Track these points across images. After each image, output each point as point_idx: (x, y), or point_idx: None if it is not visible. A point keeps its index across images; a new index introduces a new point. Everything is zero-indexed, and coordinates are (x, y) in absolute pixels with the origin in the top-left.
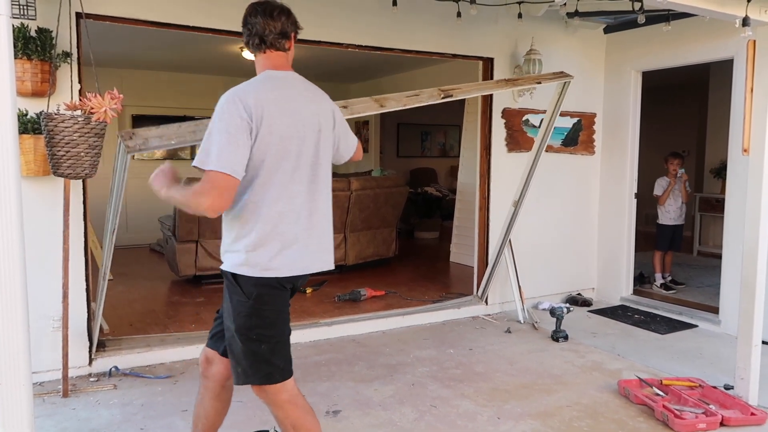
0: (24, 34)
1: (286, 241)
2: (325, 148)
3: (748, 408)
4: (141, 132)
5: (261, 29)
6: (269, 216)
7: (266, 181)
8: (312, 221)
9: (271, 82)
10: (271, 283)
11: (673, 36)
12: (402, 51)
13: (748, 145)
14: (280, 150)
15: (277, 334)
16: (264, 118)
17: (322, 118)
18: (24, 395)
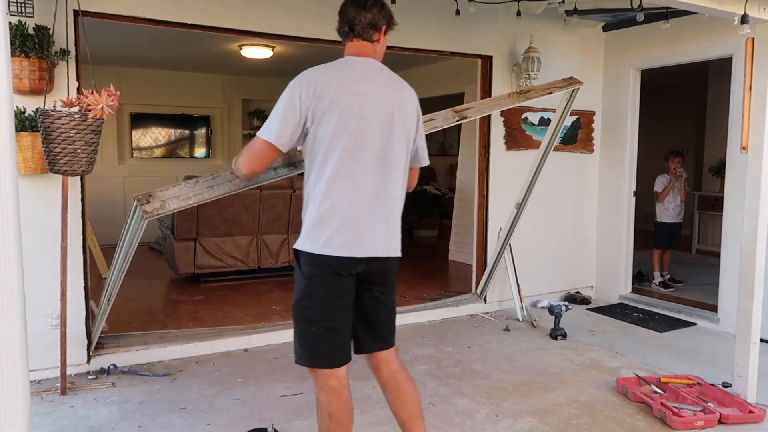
0: (22, 31)
1: (345, 220)
2: (399, 135)
3: (746, 406)
4: (158, 194)
5: (351, 18)
6: (329, 192)
7: (326, 157)
8: (379, 204)
9: (343, 64)
10: (325, 263)
11: (672, 34)
12: (401, 49)
13: (746, 143)
14: (339, 127)
15: (328, 320)
16: (325, 97)
17: (396, 105)
18: (21, 393)
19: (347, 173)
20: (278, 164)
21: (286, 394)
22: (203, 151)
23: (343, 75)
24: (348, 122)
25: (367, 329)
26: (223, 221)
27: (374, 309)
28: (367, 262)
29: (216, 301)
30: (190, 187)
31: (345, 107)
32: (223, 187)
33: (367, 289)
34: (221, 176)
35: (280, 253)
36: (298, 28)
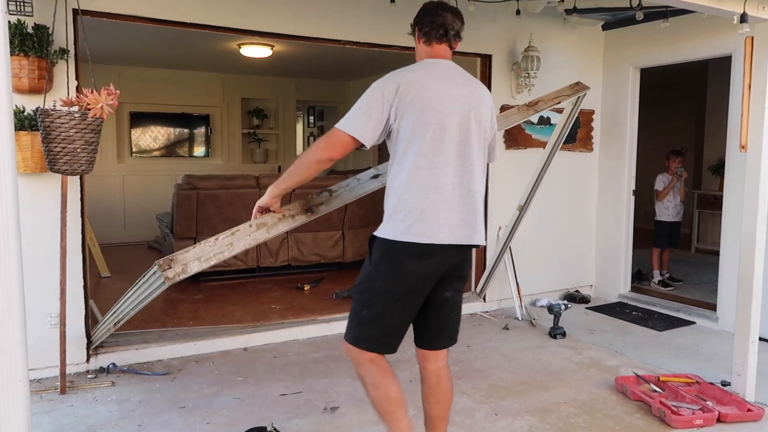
0: (21, 30)
1: (424, 210)
2: (475, 131)
3: (744, 404)
4: (179, 257)
5: (448, 24)
6: (409, 183)
7: (407, 150)
8: (456, 195)
9: (424, 64)
10: (400, 250)
11: (672, 33)
12: (400, 48)
13: (745, 142)
14: (420, 121)
15: (381, 307)
16: (407, 94)
17: (474, 102)
18: (21, 392)
19: (427, 165)
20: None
21: (286, 392)
22: (203, 150)
23: (424, 74)
24: (428, 117)
25: (436, 327)
26: (222, 220)
27: (448, 309)
28: (445, 254)
29: (215, 300)
30: (210, 246)
31: (425, 103)
32: (243, 241)
33: (445, 288)
34: (240, 230)
35: (280, 252)
36: (298, 27)
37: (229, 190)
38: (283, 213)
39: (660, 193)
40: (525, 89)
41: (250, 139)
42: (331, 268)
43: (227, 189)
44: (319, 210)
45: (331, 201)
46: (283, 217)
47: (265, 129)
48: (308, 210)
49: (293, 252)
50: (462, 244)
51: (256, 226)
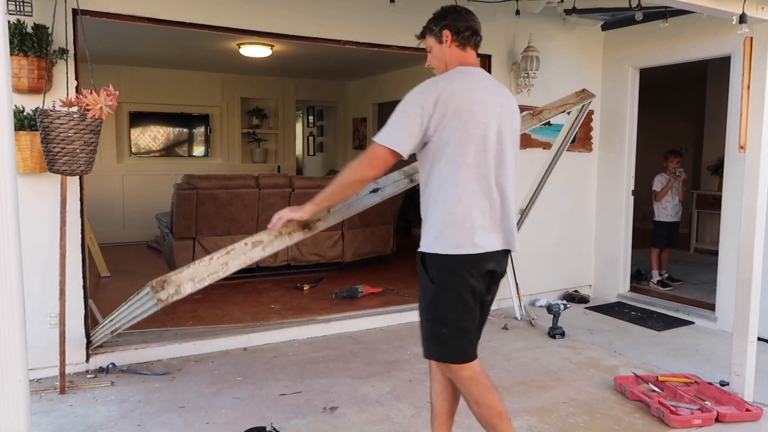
0: (20, 30)
1: (476, 221)
2: (511, 139)
3: (743, 404)
4: (172, 278)
5: (478, 28)
6: (460, 196)
7: (453, 162)
8: (500, 202)
9: (461, 74)
10: (459, 263)
11: (671, 33)
12: (399, 48)
13: (744, 142)
14: (464, 133)
15: (459, 319)
16: (448, 108)
17: (507, 111)
18: (21, 392)
19: (474, 177)
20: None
21: (285, 392)
22: (202, 150)
23: (465, 85)
24: (472, 129)
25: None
26: (222, 220)
27: (486, 311)
28: (494, 260)
29: (215, 300)
30: (204, 266)
31: (469, 115)
32: (238, 260)
33: (487, 292)
34: (236, 249)
35: (279, 252)
36: (297, 27)
37: (228, 190)
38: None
39: (658, 194)
40: (524, 89)
41: (250, 139)
42: (330, 268)
43: (227, 189)
44: (316, 227)
45: (329, 217)
46: (279, 235)
47: (265, 129)
48: (305, 227)
49: (293, 252)
50: (506, 249)
51: (251, 244)
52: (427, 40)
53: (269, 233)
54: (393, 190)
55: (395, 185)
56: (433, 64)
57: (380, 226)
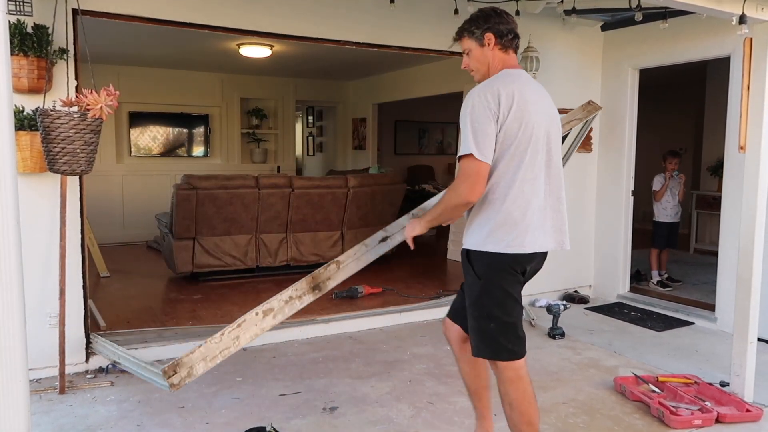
0: (20, 30)
1: (528, 221)
2: (556, 139)
3: (743, 404)
4: (184, 360)
5: (514, 28)
6: (515, 196)
7: (509, 164)
8: (547, 203)
9: (511, 78)
10: (506, 262)
11: (671, 34)
12: (399, 48)
13: (744, 143)
14: (520, 136)
15: (505, 315)
16: (510, 108)
17: (554, 112)
18: (20, 392)
19: (528, 177)
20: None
21: (285, 392)
22: (202, 150)
23: (519, 86)
24: (528, 130)
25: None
26: (221, 220)
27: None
28: (538, 259)
29: (215, 300)
30: (216, 343)
31: (525, 116)
32: (250, 332)
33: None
34: (247, 320)
35: (279, 252)
36: (297, 27)
37: (228, 190)
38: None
39: (656, 194)
40: None
41: (249, 139)
42: None
43: (226, 189)
44: (326, 285)
45: (339, 273)
46: (290, 300)
47: (264, 129)
48: (315, 288)
49: (292, 252)
50: (552, 249)
51: (262, 313)
52: (465, 42)
53: (279, 300)
54: (401, 237)
55: (402, 233)
56: (471, 66)
57: (380, 226)
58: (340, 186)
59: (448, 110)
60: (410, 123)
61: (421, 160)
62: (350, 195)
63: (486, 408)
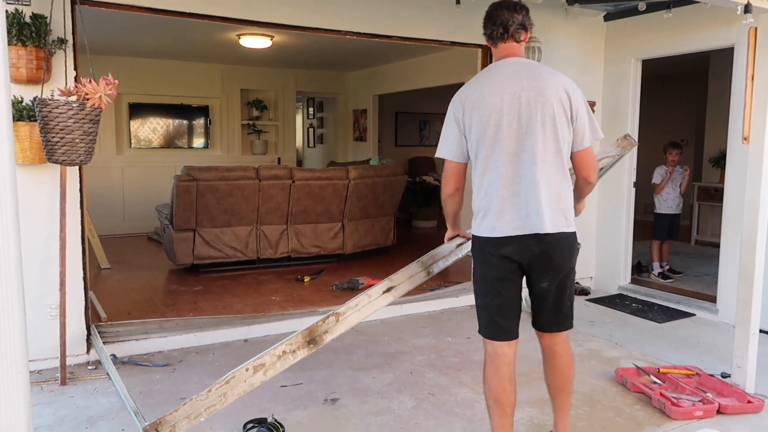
0: (18, 20)
1: (493, 206)
2: (539, 122)
3: (744, 396)
4: (167, 418)
5: (505, 20)
6: (481, 184)
7: (476, 156)
8: (518, 188)
9: (484, 71)
10: (482, 244)
11: (674, 24)
12: (400, 38)
13: (748, 134)
14: (480, 128)
15: (480, 295)
16: (468, 107)
17: (532, 93)
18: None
19: (493, 165)
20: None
21: (286, 384)
22: (202, 142)
23: (481, 83)
24: (486, 121)
25: (539, 312)
26: (222, 212)
27: (544, 297)
28: (517, 244)
29: (215, 292)
30: (202, 400)
31: (482, 110)
32: (238, 388)
33: (540, 279)
34: (236, 377)
35: (279, 244)
36: (297, 17)
37: (228, 182)
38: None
39: (657, 186)
40: None
41: (250, 131)
42: (331, 259)
43: (227, 180)
44: (323, 339)
45: (338, 326)
46: (283, 354)
47: (265, 120)
48: (311, 342)
49: (293, 243)
50: (532, 233)
51: (253, 368)
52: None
53: (272, 355)
54: (408, 286)
55: (411, 280)
56: None
57: (380, 217)
58: (341, 178)
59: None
60: (411, 114)
61: (422, 152)
62: (351, 187)
63: (557, 408)
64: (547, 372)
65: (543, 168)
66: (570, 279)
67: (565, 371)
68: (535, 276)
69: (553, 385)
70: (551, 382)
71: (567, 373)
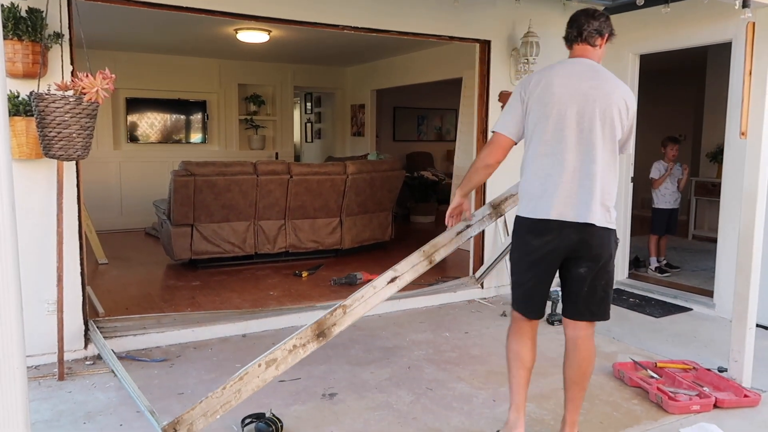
0: (14, 14)
1: (545, 190)
2: (599, 120)
3: (741, 390)
4: (184, 417)
5: (581, 24)
6: (533, 170)
7: (530, 139)
8: (572, 177)
9: (558, 64)
10: (524, 225)
11: (672, 19)
12: (398, 33)
13: (745, 129)
14: (541, 114)
15: (517, 272)
16: (535, 91)
17: (599, 94)
18: (18, 378)
19: (549, 152)
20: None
21: (284, 379)
22: (199, 137)
23: (553, 72)
24: (549, 109)
25: (572, 299)
26: (220, 207)
27: (580, 285)
28: (557, 231)
29: (213, 287)
30: (217, 397)
31: (547, 97)
32: (252, 384)
33: (577, 266)
34: (249, 373)
35: (278, 239)
36: (295, 12)
37: (226, 177)
38: (468, 215)
39: (655, 182)
40: (524, 75)
41: (247, 126)
42: (329, 255)
43: (224, 175)
44: (331, 332)
45: (345, 318)
46: (293, 349)
47: (263, 115)
48: (320, 335)
49: (291, 239)
50: (576, 222)
51: (265, 364)
52: None
53: (283, 350)
54: (412, 275)
55: (414, 270)
56: None
57: (379, 213)
58: (339, 173)
59: (448, 96)
60: (409, 109)
61: (420, 147)
62: (349, 182)
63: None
64: (565, 363)
65: (599, 164)
66: (607, 271)
67: (582, 365)
68: (573, 263)
69: (569, 376)
70: (567, 374)
71: (584, 368)
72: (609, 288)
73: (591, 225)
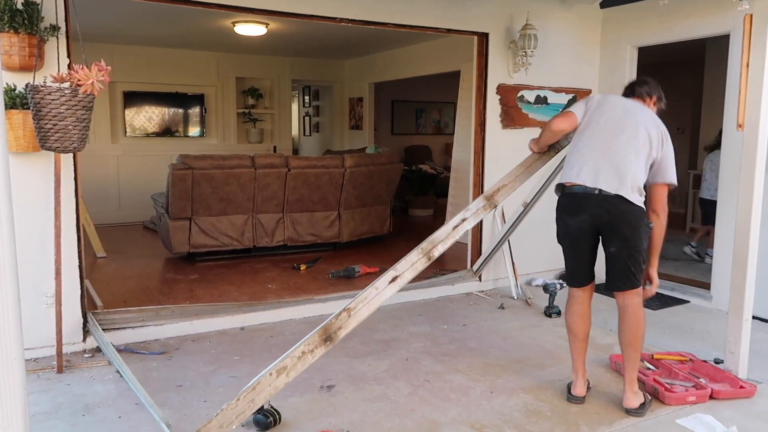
0: (10, 6)
1: (574, 169)
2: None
3: (737, 381)
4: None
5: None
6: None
7: (583, 131)
8: (607, 161)
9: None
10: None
11: (670, 11)
12: (396, 26)
13: (743, 121)
14: (595, 116)
15: (563, 244)
16: (593, 104)
17: (631, 120)
18: (17, 371)
19: (588, 146)
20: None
21: None
22: (197, 130)
23: (610, 97)
24: (600, 115)
25: (609, 274)
26: (218, 200)
27: (611, 262)
28: (587, 210)
29: (211, 280)
30: (232, 408)
31: (601, 107)
32: (265, 392)
33: (608, 245)
34: (261, 382)
35: (276, 232)
36: (292, 4)
37: (224, 170)
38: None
39: None
40: (522, 68)
41: (245, 119)
42: (327, 248)
43: (222, 169)
44: (338, 336)
45: (350, 321)
46: (302, 355)
47: (260, 109)
48: (327, 339)
49: (289, 232)
50: (604, 190)
51: (276, 372)
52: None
53: (292, 357)
54: (412, 273)
55: (414, 268)
56: None
57: (377, 206)
58: (337, 166)
59: (446, 90)
60: (407, 103)
61: (418, 140)
62: (347, 175)
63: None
64: (619, 327)
65: (624, 163)
66: (637, 250)
67: (632, 328)
68: (606, 242)
69: (622, 339)
70: (621, 337)
71: (635, 330)
72: (639, 264)
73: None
